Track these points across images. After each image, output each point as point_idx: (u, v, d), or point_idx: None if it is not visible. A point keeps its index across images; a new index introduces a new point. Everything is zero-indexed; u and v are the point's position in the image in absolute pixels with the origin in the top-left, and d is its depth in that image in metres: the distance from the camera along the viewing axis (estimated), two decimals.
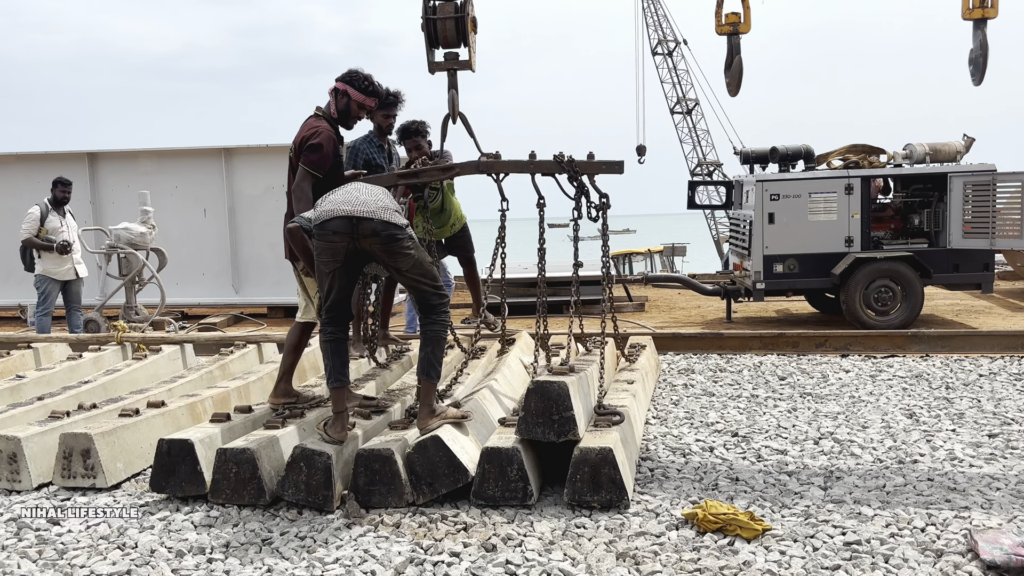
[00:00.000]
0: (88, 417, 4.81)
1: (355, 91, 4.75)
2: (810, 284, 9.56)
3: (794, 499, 4.02)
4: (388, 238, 4.11)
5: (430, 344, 4.29)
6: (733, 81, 6.54)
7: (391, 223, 4.13)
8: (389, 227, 4.11)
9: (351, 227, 4.09)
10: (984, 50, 6.06)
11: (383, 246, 4.13)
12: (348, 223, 4.09)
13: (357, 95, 4.76)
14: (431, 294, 4.28)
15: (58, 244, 8.42)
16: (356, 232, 4.09)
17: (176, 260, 10.51)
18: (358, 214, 4.09)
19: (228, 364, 6.45)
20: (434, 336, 4.30)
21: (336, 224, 4.10)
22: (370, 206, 4.14)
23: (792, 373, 6.88)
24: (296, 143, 4.70)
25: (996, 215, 8.93)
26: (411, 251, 4.20)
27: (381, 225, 4.09)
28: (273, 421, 4.40)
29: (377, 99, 4.95)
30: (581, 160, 5.15)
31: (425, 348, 4.29)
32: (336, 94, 4.77)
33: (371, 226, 4.09)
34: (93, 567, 3.42)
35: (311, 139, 4.60)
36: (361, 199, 4.18)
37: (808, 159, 10.07)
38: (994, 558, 3.18)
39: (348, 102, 4.76)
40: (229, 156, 11.49)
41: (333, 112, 4.77)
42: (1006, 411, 5.54)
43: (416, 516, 3.88)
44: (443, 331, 4.34)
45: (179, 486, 4.15)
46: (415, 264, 4.23)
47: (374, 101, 4.90)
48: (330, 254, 4.16)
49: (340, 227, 4.10)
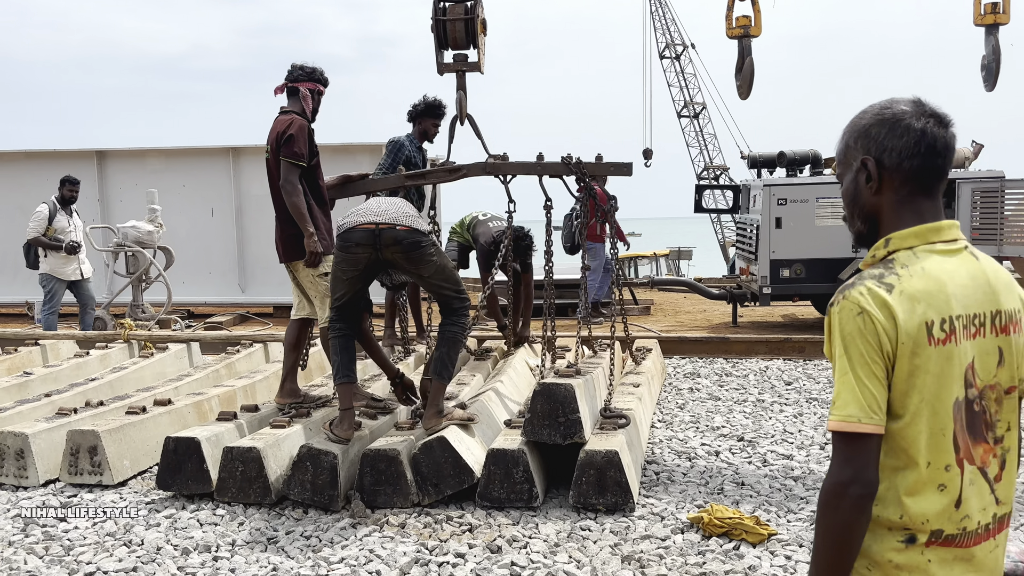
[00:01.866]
0: (95, 414, 4.83)
1: (323, 86, 4.85)
2: (817, 289, 9.53)
3: (800, 504, 4.01)
4: (411, 245, 4.12)
5: (446, 344, 4.30)
6: (744, 84, 6.54)
7: (415, 229, 4.14)
8: (412, 235, 4.13)
9: (374, 238, 4.09)
10: (997, 56, 6.04)
11: (405, 254, 4.15)
12: (371, 234, 4.10)
13: (323, 88, 4.86)
14: (453, 298, 4.32)
15: (67, 244, 8.41)
16: (379, 242, 4.10)
17: (183, 259, 10.53)
18: (381, 223, 4.10)
19: (234, 363, 6.46)
20: (452, 337, 4.31)
21: (359, 235, 4.11)
22: (392, 214, 4.16)
23: (798, 378, 6.87)
24: (272, 141, 4.67)
25: (1004, 222, 8.91)
26: (434, 258, 4.22)
27: (404, 233, 4.10)
28: (279, 420, 4.41)
29: None
30: (589, 162, 5.16)
31: (441, 348, 4.31)
32: (313, 94, 4.80)
33: (393, 235, 4.10)
34: (99, 564, 3.43)
35: (287, 132, 4.59)
36: (382, 209, 4.19)
37: (816, 164, 10.05)
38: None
39: (320, 99, 4.87)
40: (237, 156, 11.52)
41: (309, 112, 4.79)
42: None
43: (421, 517, 3.89)
44: (461, 333, 4.37)
45: (185, 484, 4.16)
46: (437, 270, 4.25)
47: None
48: (350, 264, 4.18)
49: (363, 239, 4.10)
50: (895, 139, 1.57)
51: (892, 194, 1.60)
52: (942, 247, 1.56)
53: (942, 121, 1.58)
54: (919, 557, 1.54)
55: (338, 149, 10.88)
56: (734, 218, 11.66)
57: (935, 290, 1.51)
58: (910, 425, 1.51)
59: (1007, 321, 1.58)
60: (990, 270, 1.59)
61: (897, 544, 1.54)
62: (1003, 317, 1.57)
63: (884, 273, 1.54)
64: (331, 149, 10.98)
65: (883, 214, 1.62)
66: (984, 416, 1.56)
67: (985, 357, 1.55)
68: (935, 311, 1.50)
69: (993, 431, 1.58)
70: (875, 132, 1.59)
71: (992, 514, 1.59)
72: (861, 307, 1.51)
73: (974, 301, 1.54)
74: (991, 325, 1.56)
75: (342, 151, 10.77)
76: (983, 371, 1.55)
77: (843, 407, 1.50)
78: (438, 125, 6.27)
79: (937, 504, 1.52)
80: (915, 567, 1.54)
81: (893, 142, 1.57)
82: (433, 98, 6.24)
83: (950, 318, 1.51)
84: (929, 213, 1.59)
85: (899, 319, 1.49)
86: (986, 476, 1.57)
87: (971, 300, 1.54)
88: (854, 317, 1.51)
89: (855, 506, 1.49)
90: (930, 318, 1.50)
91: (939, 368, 1.51)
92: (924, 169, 1.57)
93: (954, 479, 1.52)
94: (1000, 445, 1.59)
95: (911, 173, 1.57)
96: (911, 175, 1.58)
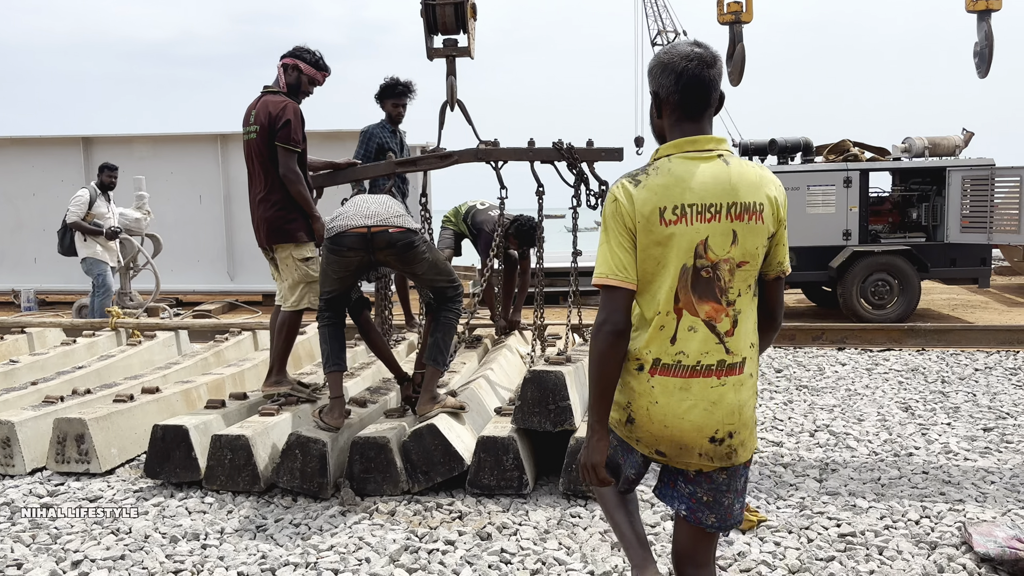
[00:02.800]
0: (82, 402, 4.79)
1: (305, 64, 4.67)
2: (808, 277, 9.55)
3: (789, 491, 4.02)
4: (404, 247, 4.10)
5: (441, 330, 4.29)
6: (735, 70, 6.51)
7: (408, 230, 4.11)
8: (406, 235, 4.09)
9: (366, 242, 4.05)
10: (989, 42, 6.02)
11: (399, 256, 4.12)
12: (363, 239, 4.04)
13: (308, 69, 4.69)
14: (447, 288, 4.32)
15: (108, 230, 8.37)
16: (371, 246, 4.06)
17: (171, 246, 10.47)
18: (372, 226, 4.05)
19: (223, 351, 6.43)
20: (447, 323, 4.30)
21: (351, 240, 4.05)
22: (382, 216, 4.11)
23: (788, 366, 6.88)
24: (262, 122, 4.51)
25: (994, 209, 8.93)
26: (426, 255, 4.19)
27: (398, 235, 4.07)
28: (268, 408, 4.39)
29: (328, 73, 4.84)
30: (580, 147, 5.14)
31: (436, 334, 4.29)
32: (286, 69, 4.66)
33: (387, 238, 4.06)
34: (87, 552, 3.41)
35: (282, 116, 4.48)
36: (372, 211, 4.13)
37: (807, 151, 10.05)
38: (988, 551, 3.18)
39: (299, 76, 4.68)
40: (225, 142, 11.44)
41: (283, 86, 4.66)
42: (1001, 405, 5.55)
43: (411, 504, 3.88)
44: (455, 319, 4.35)
45: (173, 472, 4.13)
46: (430, 266, 4.23)
47: (323, 76, 4.80)
48: (342, 266, 4.14)
49: (355, 243, 4.05)
50: (665, 78, 2.09)
51: (667, 119, 2.13)
52: (695, 155, 2.06)
53: (704, 62, 2.06)
54: (646, 384, 2.09)
55: (328, 135, 10.81)
56: None
57: (672, 184, 2.03)
58: (654, 280, 2.06)
59: (743, 211, 2.03)
60: (736, 172, 2.05)
61: (634, 371, 2.11)
62: (739, 208, 2.03)
63: (639, 173, 2.08)
64: (321, 135, 10.92)
65: (664, 133, 2.14)
66: (717, 282, 2.04)
67: (719, 237, 2.03)
68: (668, 200, 2.02)
69: (726, 295, 2.05)
70: (655, 72, 2.12)
71: (718, 360, 2.06)
72: (615, 196, 2.07)
73: (711, 194, 2.02)
74: (726, 213, 2.03)
75: (332, 137, 10.72)
76: (717, 247, 2.03)
77: (600, 267, 2.07)
78: (399, 105, 6.19)
79: (657, 339, 2.06)
80: (644, 391, 2.09)
81: (663, 80, 2.10)
82: (390, 78, 6.14)
83: (682, 206, 2.02)
84: (691, 132, 2.09)
85: (637, 205, 2.03)
86: (714, 328, 2.05)
87: (708, 193, 2.02)
88: (610, 203, 2.08)
89: (606, 339, 2.04)
90: (663, 205, 2.02)
91: (668, 242, 2.02)
92: (685, 100, 2.08)
93: (671, 323, 2.05)
94: (732, 307, 2.06)
95: (676, 104, 2.09)
96: (676, 105, 2.09)
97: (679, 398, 2.05)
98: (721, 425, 2.06)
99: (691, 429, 2.05)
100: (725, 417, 2.06)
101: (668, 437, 2.08)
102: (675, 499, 2.18)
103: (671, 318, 2.04)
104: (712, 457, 2.08)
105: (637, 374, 2.09)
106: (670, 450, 2.10)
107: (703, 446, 2.07)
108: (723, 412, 2.06)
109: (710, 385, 2.05)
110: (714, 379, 2.05)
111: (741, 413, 2.08)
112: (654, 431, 2.09)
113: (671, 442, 2.08)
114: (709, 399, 2.05)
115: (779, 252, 2.13)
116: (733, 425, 2.07)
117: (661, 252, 2.03)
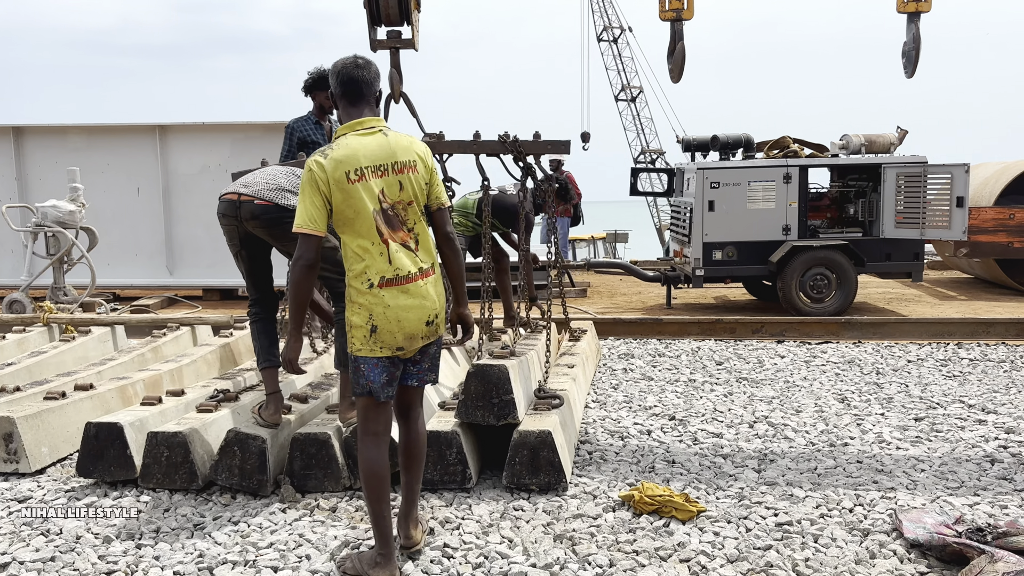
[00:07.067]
0: (11, 400, 4.64)
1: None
2: (748, 271, 9.71)
3: (728, 481, 4.09)
4: (268, 221, 3.99)
5: (343, 334, 4.14)
6: (675, 67, 6.57)
7: (275, 204, 3.99)
8: (269, 210, 3.98)
9: (235, 209, 4.03)
10: (917, 43, 6.19)
11: (267, 230, 4.03)
12: (232, 206, 4.04)
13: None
14: (336, 281, 4.05)
15: None
16: (239, 214, 4.02)
17: (108, 240, 10.18)
18: (243, 194, 4.02)
19: (161, 347, 6.28)
20: (343, 325, 4.15)
21: (223, 206, 4.08)
22: (258, 187, 4.04)
23: (729, 358, 7.00)
24: None
25: (927, 206, 9.19)
26: None
27: (260, 208, 3.97)
28: (206, 404, 4.30)
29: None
30: (526, 140, 5.13)
31: (340, 339, 4.03)
32: None
33: (251, 208, 3.99)
34: (15, 554, 3.30)
35: None
36: (252, 180, 4.10)
37: (748, 147, 10.21)
38: (917, 537, 3.28)
39: None
40: (164, 133, 11.15)
41: None
42: (932, 396, 5.73)
43: (353, 500, 3.84)
44: None
45: (108, 471, 4.02)
46: None
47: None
48: (228, 236, 4.15)
49: (226, 209, 4.07)
50: (332, 78, 3.09)
51: (341, 109, 3.09)
52: (362, 132, 2.99)
53: (357, 65, 3.05)
54: (378, 295, 2.92)
55: (269, 127, 10.65)
56: (669, 201, 11.79)
57: (350, 154, 2.91)
58: (355, 222, 2.90)
59: (403, 167, 2.98)
60: (393, 141, 3.00)
61: (364, 290, 2.92)
62: (399, 165, 2.97)
63: (326, 149, 2.94)
64: (263, 127, 10.74)
65: (342, 119, 3.07)
66: (398, 217, 2.97)
67: (391, 187, 2.96)
68: (349, 165, 2.89)
69: (406, 224, 2.99)
70: (329, 74, 3.12)
71: (418, 267, 2.99)
72: (310, 167, 2.91)
73: (378, 157, 2.95)
74: (391, 169, 2.96)
75: (275, 129, 10.53)
76: (391, 194, 2.95)
77: (298, 219, 2.90)
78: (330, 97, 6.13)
79: (381, 262, 2.93)
80: (378, 301, 2.92)
81: (332, 80, 3.09)
82: (320, 69, 6.03)
83: (360, 168, 2.90)
84: (356, 116, 3.04)
85: (329, 172, 2.88)
86: (408, 247, 2.98)
87: (376, 157, 2.94)
88: (307, 172, 2.91)
89: (302, 270, 2.91)
90: (347, 169, 2.89)
91: (359, 194, 2.89)
92: (344, 94, 3.06)
93: (384, 249, 2.93)
94: (412, 231, 3.01)
95: (340, 97, 3.08)
96: (340, 97, 3.08)
97: (403, 300, 2.93)
98: (430, 312, 3.01)
99: (415, 320, 2.96)
100: (431, 305, 3.01)
101: (402, 331, 2.94)
102: (409, 377, 3.12)
103: (383, 247, 2.92)
104: (427, 336, 3.04)
105: (368, 291, 2.91)
106: (405, 342, 2.97)
107: (422, 330, 3.00)
108: (430, 303, 3.01)
109: (420, 286, 2.98)
110: (420, 282, 2.98)
111: (438, 300, 3.05)
112: (392, 329, 2.92)
113: (404, 335, 2.95)
114: (420, 295, 2.98)
115: (435, 191, 3.08)
116: (436, 310, 3.03)
117: (354, 202, 2.88)
